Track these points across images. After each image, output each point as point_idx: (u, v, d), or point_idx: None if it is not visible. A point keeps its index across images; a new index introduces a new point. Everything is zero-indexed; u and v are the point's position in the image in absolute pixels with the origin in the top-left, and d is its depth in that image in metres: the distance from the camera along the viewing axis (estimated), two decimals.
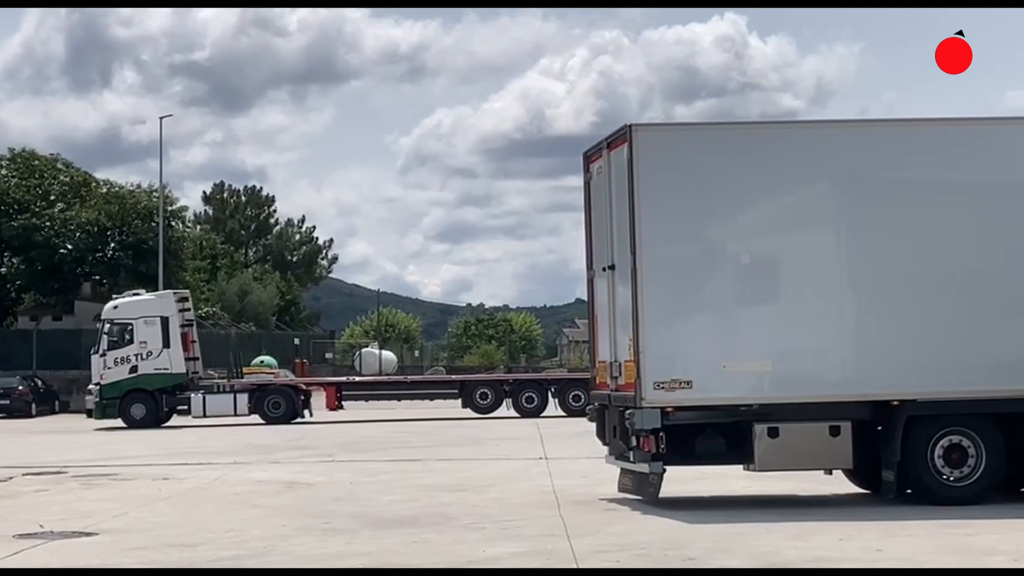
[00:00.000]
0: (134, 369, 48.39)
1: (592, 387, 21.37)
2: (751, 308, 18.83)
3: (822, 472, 19.65)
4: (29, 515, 19.67)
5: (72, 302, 76.07)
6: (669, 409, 18.20)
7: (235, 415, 48.54)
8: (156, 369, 48.60)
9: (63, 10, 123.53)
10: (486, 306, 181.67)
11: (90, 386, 50.10)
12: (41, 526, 18.27)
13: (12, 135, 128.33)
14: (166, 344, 48.83)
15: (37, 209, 78.05)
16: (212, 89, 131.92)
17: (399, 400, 53.49)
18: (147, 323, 48.83)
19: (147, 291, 56.44)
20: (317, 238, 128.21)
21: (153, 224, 73.39)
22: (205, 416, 48.39)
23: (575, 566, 13.94)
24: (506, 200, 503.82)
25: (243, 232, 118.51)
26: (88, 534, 17.50)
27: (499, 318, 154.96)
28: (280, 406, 49.35)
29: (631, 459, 18.87)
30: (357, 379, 61.88)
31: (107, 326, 49.53)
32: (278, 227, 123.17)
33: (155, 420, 48.36)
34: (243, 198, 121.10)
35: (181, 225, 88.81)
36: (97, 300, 76.46)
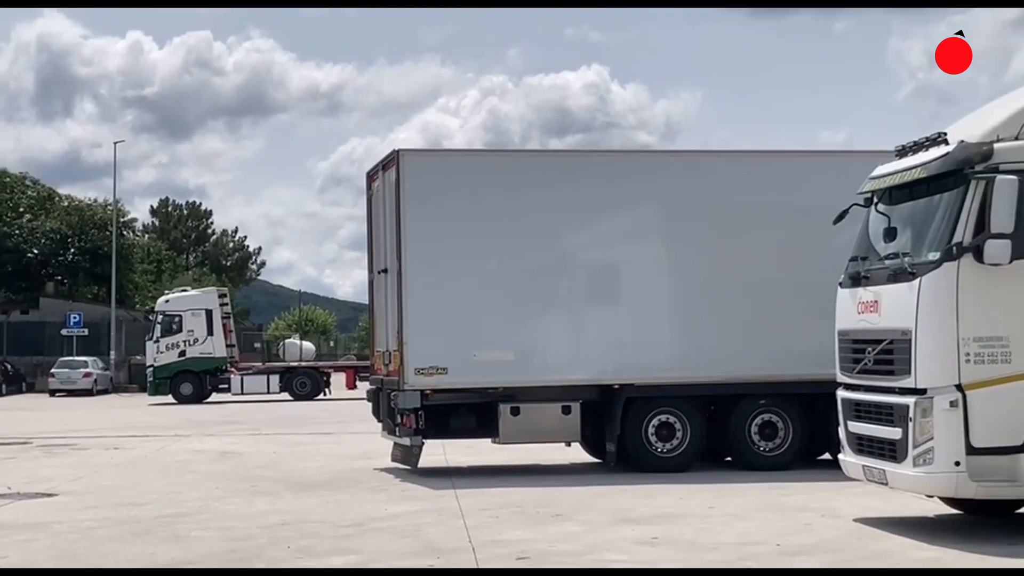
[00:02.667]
0: (182, 353, 48.45)
1: (371, 372, 21.56)
2: (497, 306, 18.77)
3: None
4: None
5: (37, 299, 75.29)
6: (428, 392, 18.37)
7: (268, 393, 48.85)
8: (201, 353, 48.71)
9: (33, 49, 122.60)
10: None
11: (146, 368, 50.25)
12: (9, 488, 18.06)
13: None
14: (210, 332, 49.00)
15: (8, 219, 77.36)
16: (159, 119, 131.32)
17: None
18: (194, 315, 49.08)
19: (192, 288, 57.13)
20: (248, 246, 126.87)
21: (107, 233, 72.53)
22: (243, 393, 48.70)
23: (462, 520, 14.05)
24: None
25: (185, 240, 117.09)
26: (49, 495, 17.35)
27: None
28: (306, 385, 49.73)
29: (397, 434, 19.01)
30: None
31: (160, 317, 49.67)
32: (215, 236, 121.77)
33: (200, 397, 48.51)
34: (185, 212, 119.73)
35: (132, 234, 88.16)
36: (59, 297, 75.77)
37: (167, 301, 50.94)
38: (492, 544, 12.40)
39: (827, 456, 19.34)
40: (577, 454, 20.40)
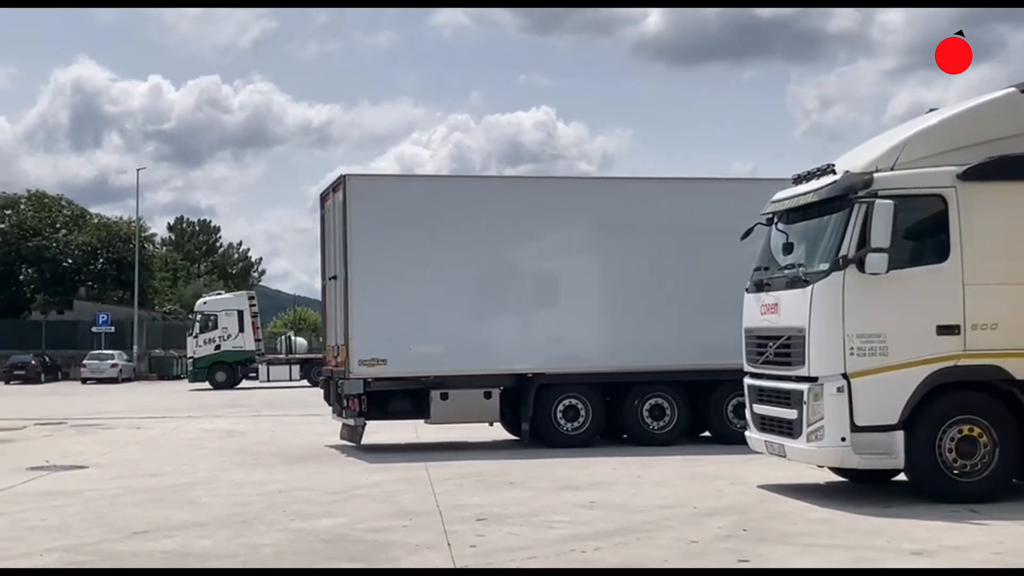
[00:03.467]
0: (218, 347, 48.41)
1: (324, 364, 21.47)
2: (429, 307, 18.61)
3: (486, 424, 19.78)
4: (38, 453, 19.27)
5: (71, 301, 75.02)
6: (369, 380, 18.33)
7: (290, 380, 48.46)
8: (234, 347, 48.73)
9: (68, 91, 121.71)
10: None
11: (186, 358, 50.77)
12: (47, 461, 17.95)
13: (30, 180, 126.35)
14: (241, 329, 49.02)
15: (47, 234, 76.86)
16: (175, 149, 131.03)
17: None
18: (227, 314, 49.30)
19: (226, 292, 57.38)
20: (251, 257, 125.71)
21: (131, 246, 72.05)
22: (269, 381, 48.39)
23: (431, 488, 14.06)
24: None
25: (197, 252, 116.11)
26: (81, 467, 17.23)
27: None
28: (322, 374, 48.62)
29: (344, 416, 18.98)
30: None
31: (199, 316, 49.60)
32: (222, 249, 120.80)
33: (232, 383, 48.32)
34: (197, 228, 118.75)
35: (152, 247, 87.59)
36: (90, 300, 75.28)
37: (205, 303, 50.92)
38: (456, 508, 12.40)
39: (707, 433, 19.62)
40: (500, 433, 20.42)
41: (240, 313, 49.29)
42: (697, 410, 19.41)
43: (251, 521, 11.78)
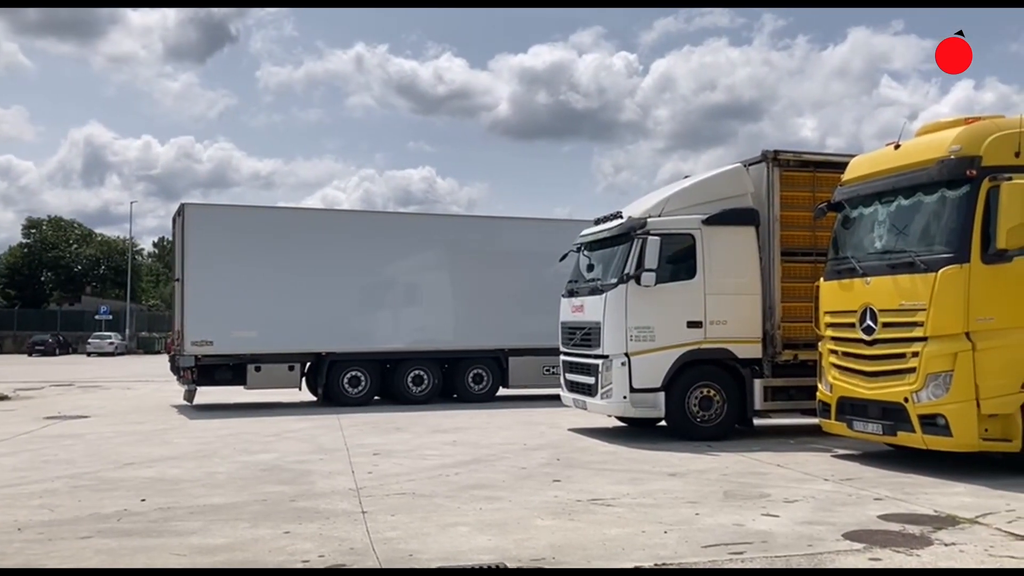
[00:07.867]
0: None
1: (172, 344, 20.08)
2: (247, 302, 17.52)
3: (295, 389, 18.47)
4: (52, 406, 18.23)
5: (80, 296, 71.92)
6: (200, 356, 17.37)
7: None
8: None
9: (81, 145, 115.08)
10: None
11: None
12: (59, 412, 17.05)
13: (50, 208, 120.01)
14: None
15: (62, 247, 73.78)
16: (159, 188, 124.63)
17: None
18: None
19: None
20: None
21: (125, 257, 69.35)
22: None
23: (341, 432, 13.75)
24: None
25: (174, 263, 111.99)
26: (84, 416, 16.38)
27: None
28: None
29: (181, 383, 18.09)
30: None
31: None
32: None
33: None
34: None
35: (140, 258, 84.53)
36: (94, 296, 72.06)
37: None
38: (359, 446, 12.15)
39: (455, 396, 19.02)
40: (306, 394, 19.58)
41: None
42: (447, 379, 18.92)
43: (210, 456, 11.36)
